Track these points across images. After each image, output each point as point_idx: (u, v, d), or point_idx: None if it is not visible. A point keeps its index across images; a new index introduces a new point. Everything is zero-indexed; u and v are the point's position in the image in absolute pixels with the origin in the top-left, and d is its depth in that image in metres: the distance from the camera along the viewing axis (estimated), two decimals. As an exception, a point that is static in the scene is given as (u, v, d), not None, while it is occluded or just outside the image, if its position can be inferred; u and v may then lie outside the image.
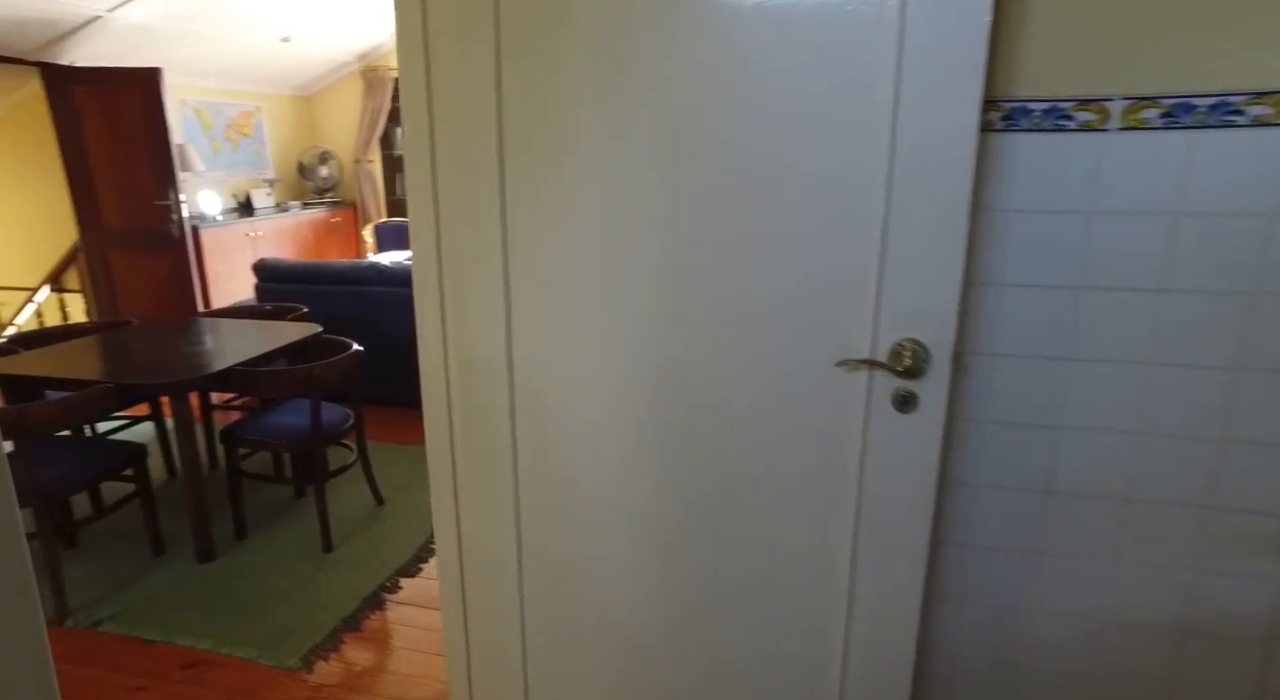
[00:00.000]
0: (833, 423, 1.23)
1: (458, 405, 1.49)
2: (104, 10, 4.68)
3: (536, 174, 1.33)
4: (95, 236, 5.41)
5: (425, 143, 1.39)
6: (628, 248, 1.29)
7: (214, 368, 2.65)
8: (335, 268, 4.13)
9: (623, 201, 1.25)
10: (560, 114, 1.26)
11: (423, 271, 1.43)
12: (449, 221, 1.41)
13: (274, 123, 7.10)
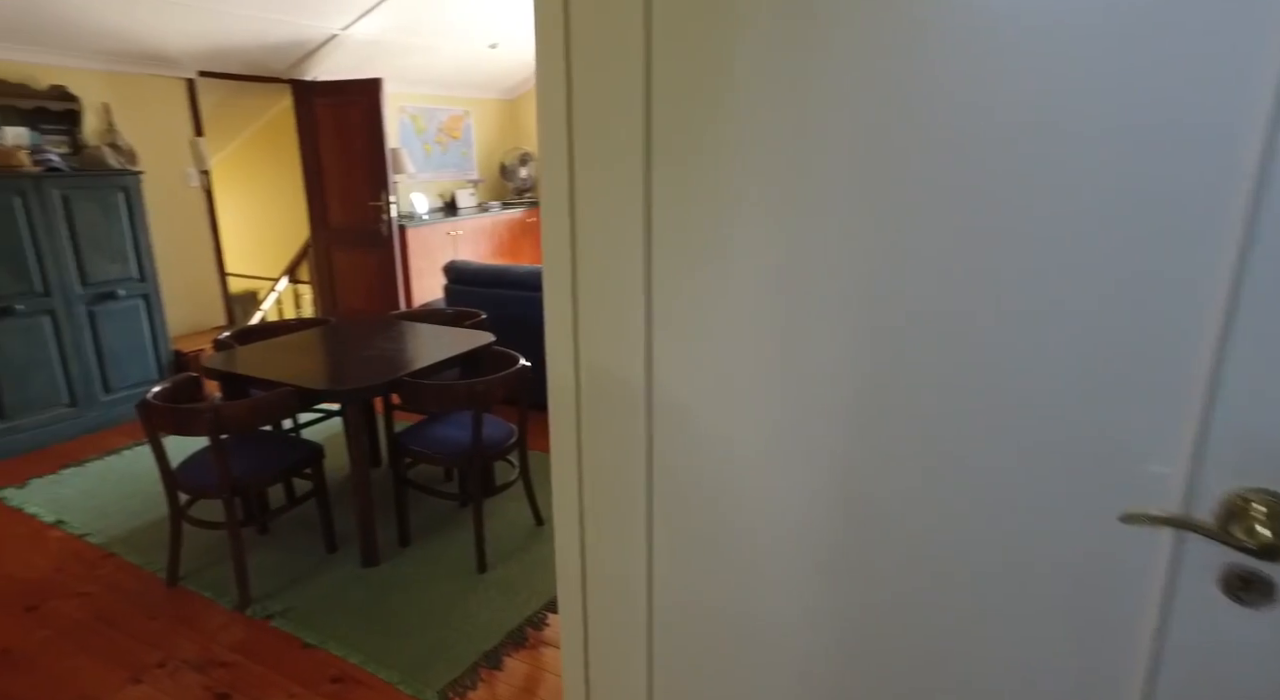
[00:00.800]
0: (1106, 602, 0.82)
1: (587, 432, 1.28)
2: (339, 29, 5.06)
3: (688, 193, 1.06)
4: (322, 234, 5.93)
5: (563, 153, 1.17)
6: (808, 303, 0.98)
7: (387, 376, 2.66)
8: (516, 272, 4.14)
9: (806, 244, 0.95)
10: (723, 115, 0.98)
11: (557, 308, 1.22)
12: (586, 250, 1.19)
13: (480, 126, 7.44)
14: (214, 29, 4.51)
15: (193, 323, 5.05)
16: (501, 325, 4.00)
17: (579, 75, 1.10)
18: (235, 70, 5.15)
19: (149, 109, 4.70)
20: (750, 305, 1.04)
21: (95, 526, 3.09)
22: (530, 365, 2.82)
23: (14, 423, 3.75)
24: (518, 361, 2.82)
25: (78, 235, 3.89)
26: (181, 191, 4.93)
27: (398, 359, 2.89)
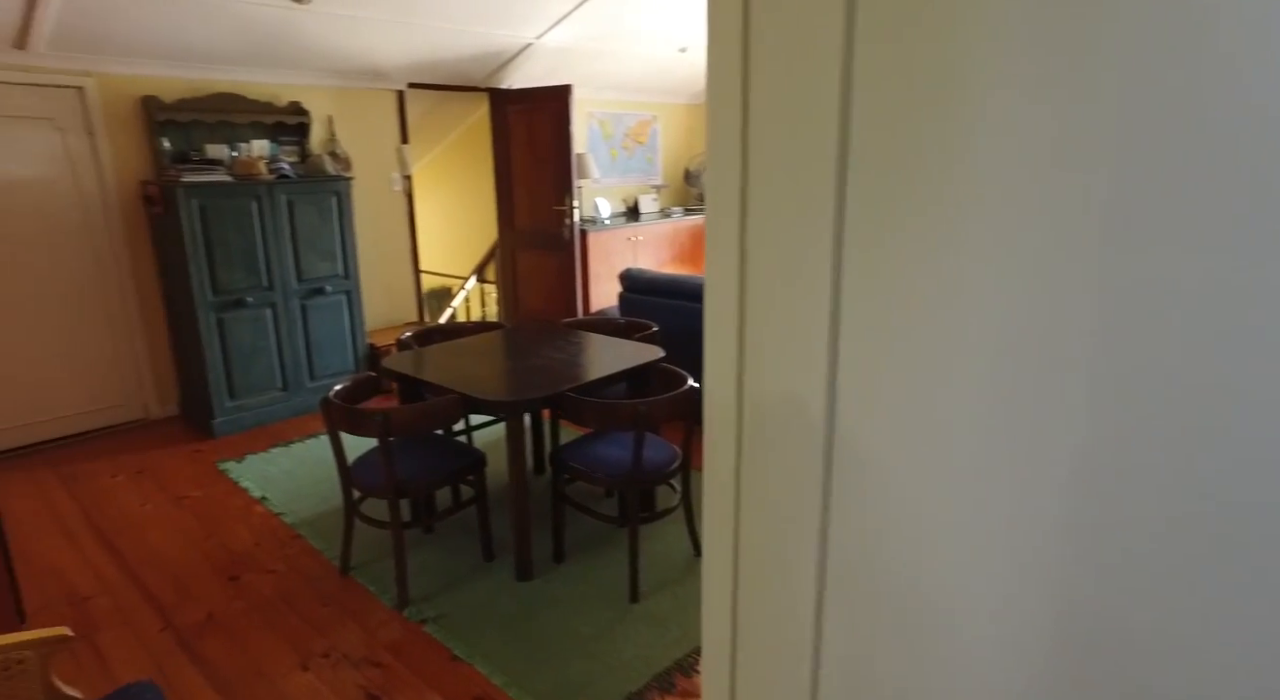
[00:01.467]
0: None
1: (748, 468, 1.06)
2: (533, 38, 5.19)
3: (896, 206, 0.80)
4: (508, 236, 6.15)
5: (734, 138, 0.96)
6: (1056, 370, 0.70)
7: (551, 390, 2.60)
8: (691, 283, 3.99)
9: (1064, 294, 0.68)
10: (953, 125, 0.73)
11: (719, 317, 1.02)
12: (758, 259, 0.97)
13: (667, 131, 7.40)
14: (423, 43, 4.77)
15: (387, 318, 5.41)
16: (673, 337, 3.87)
17: (759, 53, 0.89)
18: (439, 81, 5.45)
19: (364, 120, 5.08)
20: (973, 354, 0.78)
21: (289, 507, 3.32)
22: (699, 387, 2.65)
23: (240, 402, 4.17)
24: (686, 382, 2.65)
25: (297, 236, 4.26)
26: (385, 195, 5.29)
27: (564, 371, 2.83)
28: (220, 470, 3.70)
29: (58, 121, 3.87)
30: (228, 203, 3.96)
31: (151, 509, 3.32)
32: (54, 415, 4.04)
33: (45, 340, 3.96)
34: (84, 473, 3.70)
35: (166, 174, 3.97)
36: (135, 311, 4.24)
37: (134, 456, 3.89)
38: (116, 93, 4.02)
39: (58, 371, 4.02)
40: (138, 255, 4.21)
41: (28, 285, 3.88)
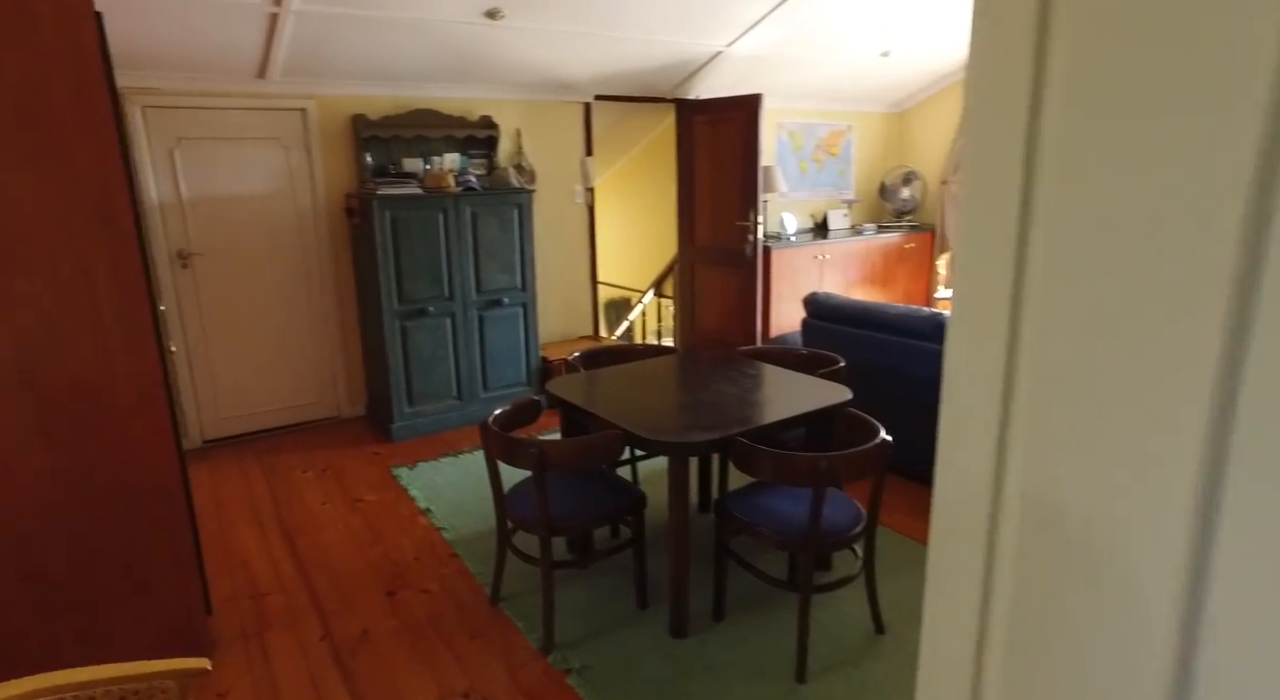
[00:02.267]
0: None
1: (1005, 591, 0.70)
2: (723, 45, 4.96)
3: None
4: (688, 251, 5.96)
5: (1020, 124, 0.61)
6: None
7: (720, 431, 2.32)
8: (888, 314, 3.54)
9: None
10: None
11: (967, 346, 0.67)
12: (1051, 292, 0.62)
13: (862, 142, 6.88)
14: (611, 54, 4.69)
15: (562, 331, 5.40)
16: (862, 374, 3.45)
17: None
18: (626, 92, 5.37)
19: (550, 132, 5.10)
20: None
21: (451, 522, 3.30)
22: (891, 440, 2.25)
23: (417, 408, 4.28)
24: (877, 435, 2.26)
25: (479, 247, 4.31)
26: (567, 208, 5.28)
27: (736, 409, 2.54)
28: (393, 476, 3.79)
29: (283, 141, 4.19)
30: (416, 214, 4.08)
31: (329, 509, 3.43)
32: (265, 408, 4.37)
33: (264, 341, 4.30)
34: (281, 465, 3.94)
35: (366, 187, 4.16)
36: (334, 316, 4.50)
37: (322, 454, 4.10)
38: (332, 112, 4.29)
39: (272, 369, 4.35)
40: (339, 263, 4.46)
41: (253, 289, 4.22)
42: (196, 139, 3.96)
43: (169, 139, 3.89)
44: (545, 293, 5.22)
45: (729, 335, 5.71)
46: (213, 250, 4.10)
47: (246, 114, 4.06)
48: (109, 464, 2.17)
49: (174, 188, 3.95)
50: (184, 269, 4.04)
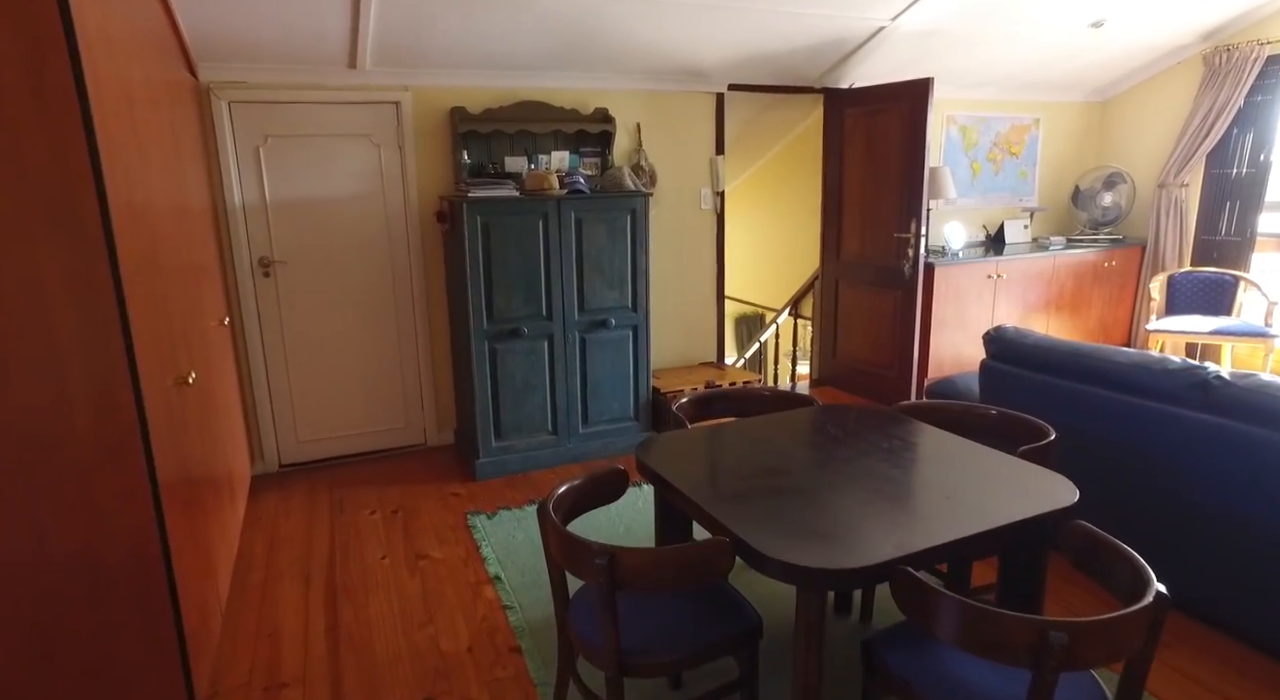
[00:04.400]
0: None
1: None
2: (887, 19, 4.09)
3: None
4: (832, 267, 5.09)
5: None
6: None
7: (876, 549, 1.53)
8: (1112, 361, 2.57)
9: None
10: None
11: None
12: None
13: (1051, 138, 5.71)
14: (746, 34, 3.95)
15: (680, 355, 4.70)
16: (1076, 449, 2.51)
17: None
18: (765, 81, 4.60)
19: (676, 127, 4.43)
20: None
21: (523, 598, 2.68)
22: (1167, 596, 1.37)
23: (507, 443, 3.73)
24: (1146, 583, 1.39)
25: (584, 259, 3.70)
26: (692, 214, 4.58)
27: (896, 508, 1.73)
28: (469, 525, 3.23)
29: (374, 137, 3.77)
30: (513, 220, 3.52)
31: (388, 566, 2.91)
32: (347, 432, 3.98)
33: (346, 357, 3.90)
34: (352, 501, 3.50)
35: (458, 188, 3.66)
36: (423, 333, 4.04)
37: (397, 490, 3.62)
38: (429, 105, 3.83)
39: (356, 389, 3.95)
40: (430, 274, 4.00)
41: (339, 300, 3.83)
42: (284, 136, 3.60)
43: (255, 136, 3.56)
44: (661, 312, 4.54)
45: (878, 367, 4.79)
46: (296, 258, 3.73)
47: (337, 108, 3.66)
48: (65, 533, 1.69)
49: (259, 189, 3.61)
50: (265, 278, 3.69)
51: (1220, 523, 2.27)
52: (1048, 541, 1.80)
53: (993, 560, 2.71)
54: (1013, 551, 1.84)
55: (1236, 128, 5.01)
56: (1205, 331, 4.74)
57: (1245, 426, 2.22)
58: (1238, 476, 2.22)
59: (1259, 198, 5.00)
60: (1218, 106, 4.97)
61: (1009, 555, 1.90)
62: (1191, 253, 5.31)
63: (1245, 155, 5.02)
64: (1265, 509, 2.17)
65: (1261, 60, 4.78)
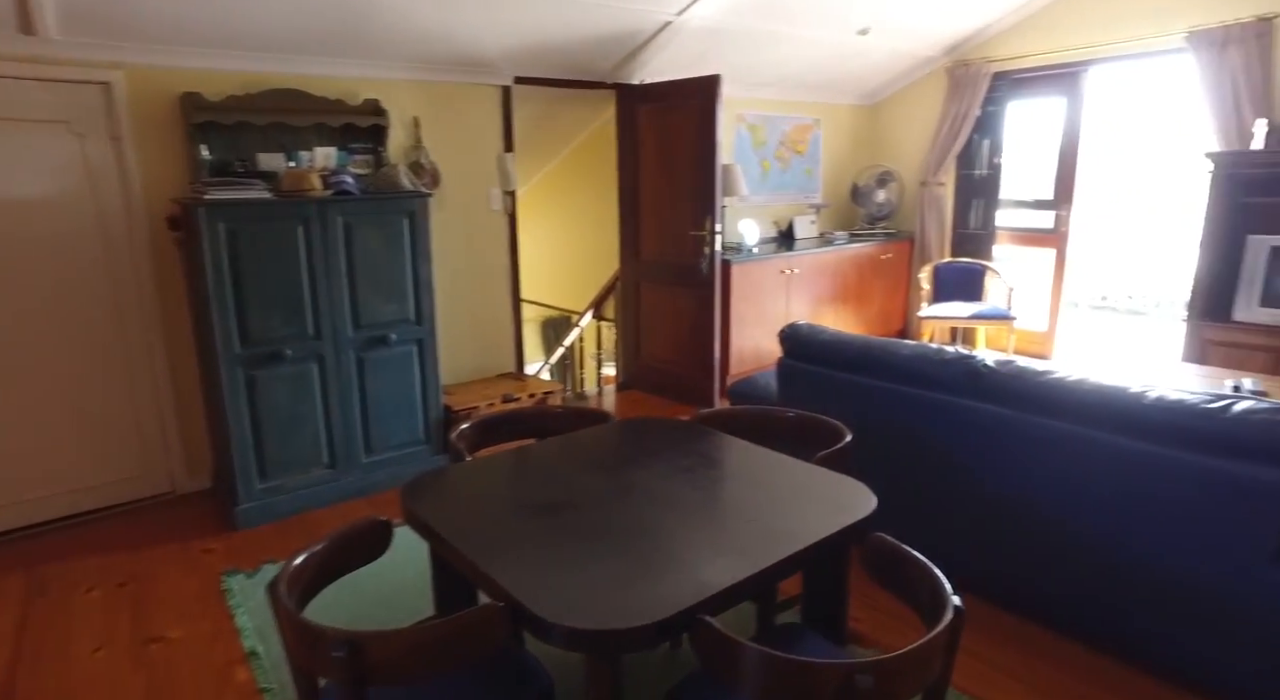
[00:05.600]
0: None
1: None
2: (673, 14, 4.02)
3: None
4: (631, 267, 4.99)
5: None
6: None
7: (674, 598, 1.35)
8: (896, 354, 2.62)
9: None
10: None
11: None
12: None
13: (831, 138, 6.02)
14: (532, 22, 3.71)
15: (477, 366, 4.37)
16: (866, 443, 2.53)
17: None
18: (555, 74, 4.39)
19: (459, 123, 4.09)
20: None
21: (287, 676, 2.24)
22: (961, 606, 1.30)
23: (274, 482, 3.21)
24: (945, 600, 1.31)
25: (355, 269, 3.27)
26: (481, 215, 4.27)
27: (698, 540, 1.57)
28: (223, 589, 2.71)
29: (75, 125, 3.08)
30: (265, 226, 3.02)
31: (103, 659, 2.33)
32: (48, 491, 3.22)
33: (52, 398, 3.16)
34: (60, 579, 2.82)
35: (194, 190, 3.08)
36: (162, 361, 3.39)
37: (128, 556, 2.97)
38: (152, 89, 3.20)
39: (64, 436, 3.22)
40: (167, 291, 3.36)
41: (33, 327, 3.09)
42: (-60, 122, 2.84)
43: (-104, 121, 2.76)
44: (452, 322, 4.18)
45: (682, 367, 4.75)
46: (-28, 276, 2.97)
47: (13, 85, 2.94)
48: None
49: (-93, 190, 2.81)
50: (-75, 303, 2.90)
51: (1001, 505, 2.37)
52: (849, 552, 1.73)
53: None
54: (816, 565, 1.76)
55: (977, 134, 5.54)
56: (964, 316, 5.19)
57: (1010, 411, 2.32)
58: (1010, 459, 2.33)
59: (996, 195, 5.57)
60: (960, 114, 5.47)
61: (813, 568, 1.81)
62: (950, 245, 5.81)
63: (984, 158, 5.57)
64: (1035, 488, 2.28)
65: (990, 76, 5.32)
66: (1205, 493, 1.94)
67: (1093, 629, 2.27)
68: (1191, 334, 4.22)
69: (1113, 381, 2.18)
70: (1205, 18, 4.33)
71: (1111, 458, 2.09)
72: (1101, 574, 2.18)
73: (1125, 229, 8.00)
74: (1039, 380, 2.28)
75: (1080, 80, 5.07)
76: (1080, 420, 2.17)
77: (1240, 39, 4.18)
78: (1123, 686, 2.11)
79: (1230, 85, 4.24)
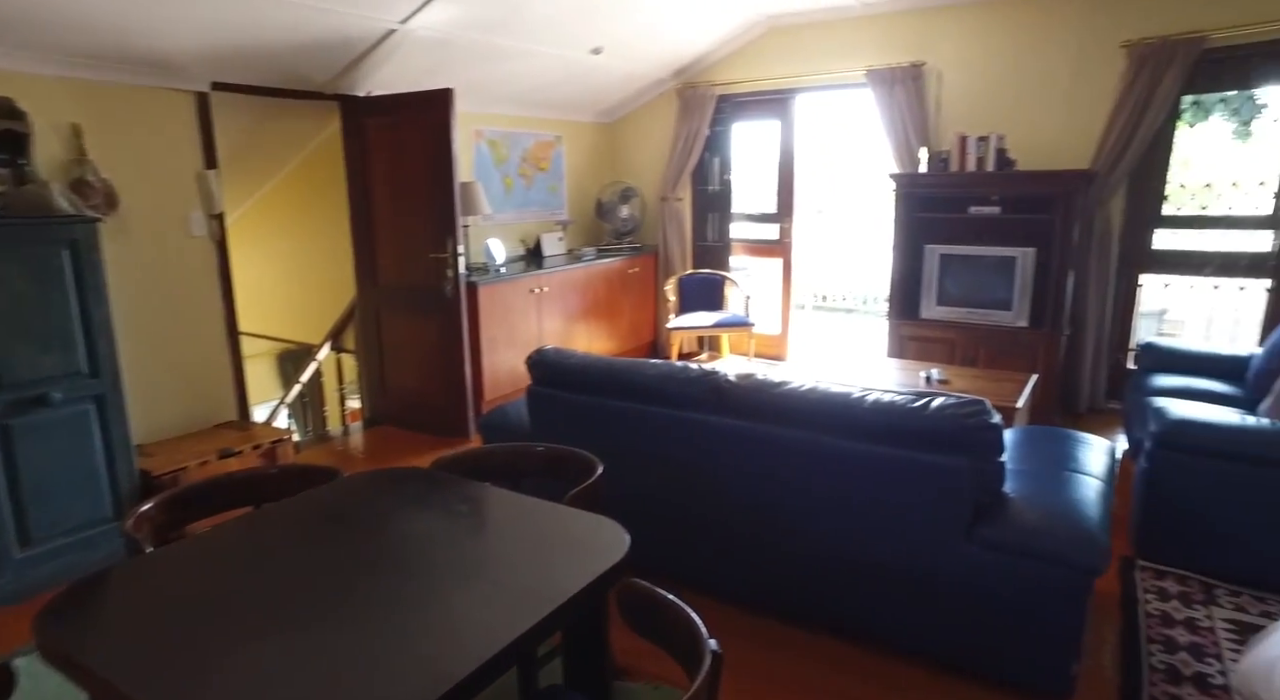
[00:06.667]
0: None
1: None
2: (396, 21, 3.75)
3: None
4: (370, 292, 4.60)
5: None
6: None
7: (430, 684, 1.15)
8: (644, 375, 2.63)
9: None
10: None
11: None
12: None
13: (572, 154, 6.07)
14: (229, 20, 3.24)
15: (188, 417, 3.73)
16: (619, 462, 2.48)
17: None
18: (263, 81, 3.90)
19: (142, 133, 3.46)
20: None
21: None
22: (718, 651, 1.27)
23: (-116, 597, 2.43)
24: (702, 645, 1.26)
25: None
26: (179, 243, 3.65)
27: (436, 619, 1.38)
28: None
29: None
30: None
31: None
32: None
33: None
34: None
35: None
36: None
37: None
38: None
39: None
40: None
41: None
42: None
43: None
44: (148, 370, 3.52)
45: (433, 397, 4.47)
46: None
47: None
48: None
49: None
50: None
51: (750, 515, 2.45)
52: (606, 600, 1.65)
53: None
54: (574, 621, 1.65)
55: (708, 152, 5.91)
56: (709, 325, 5.49)
57: (752, 424, 2.41)
58: (755, 470, 2.41)
59: (729, 210, 5.99)
60: (692, 133, 5.79)
61: (570, 624, 1.70)
62: (691, 257, 6.13)
63: (716, 175, 5.97)
64: (778, 496, 2.38)
65: (715, 98, 5.70)
66: (912, 482, 2.15)
67: (839, 622, 2.43)
68: (892, 331, 4.81)
69: (838, 389, 2.35)
70: (877, 60, 4.98)
71: (838, 459, 2.25)
72: (838, 569, 2.33)
73: (837, 236, 9.07)
74: (775, 393, 2.39)
75: (790, 105, 5.60)
76: (813, 427, 2.30)
77: (903, 79, 4.87)
78: (873, 671, 2.28)
79: (900, 117, 4.92)
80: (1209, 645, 2.36)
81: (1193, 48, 4.04)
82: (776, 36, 5.42)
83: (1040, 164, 4.45)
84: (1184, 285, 4.53)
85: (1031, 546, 2.02)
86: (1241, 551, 2.68)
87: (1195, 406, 2.94)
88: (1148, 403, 3.05)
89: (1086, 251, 4.42)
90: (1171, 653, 2.32)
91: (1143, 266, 4.58)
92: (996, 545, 2.06)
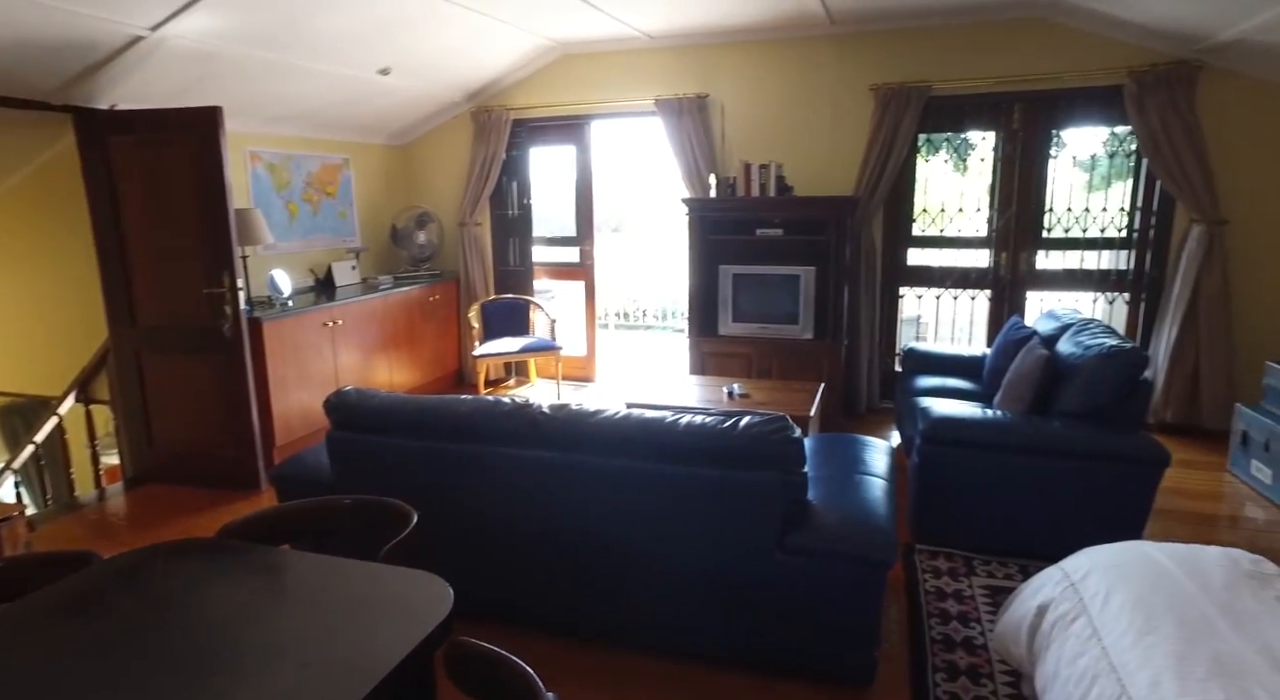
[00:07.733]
0: None
1: None
2: (145, 28, 3.34)
3: None
4: (127, 334, 4.03)
5: None
6: None
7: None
8: (455, 412, 2.53)
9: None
10: None
11: None
12: None
13: (362, 178, 5.75)
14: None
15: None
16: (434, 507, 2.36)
17: None
18: (-32, 90, 3.30)
19: None
20: None
21: None
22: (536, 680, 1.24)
23: None
24: None
25: None
26: None
27: (240, 712, 1.22)
28: None
29: None
30: None
31: None
32: None
33: None
34: None
35: None
36: None
37: None
38: None
39: None
40: None
41: None
42: None
43: None
44: None
45: (214, 447, 4.00)
46: None
47: None
48: None
49: None
50: None
51: (574, 547, 2.43)
52: (432, 663, 1.55)
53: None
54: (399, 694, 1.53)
55: (505, 176, 5.86)
56: (515, 351, 5.43)
57: (569, 454, 2.40)
58: (576, 501, 2.40)
59: (530, 234, 5.97)
60: (489, 157, 5.72)
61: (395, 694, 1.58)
62: (494, 282, 6.04)
63: (515, 199, 5.93)
64: (598, 524, 2.39)
65: (510, 122, 5.68)
66: (727, 499, 2.25)
67: (667, 643, 2.48)
68: (693, 348, 5.05)
69: (651, 414, 2.41)
70: (665, 90, 5.24)
71: (656, 483, 2.30)
72: (663, 591, 2.38)
73: (635, 254, 9.38)
74: (591, 422, 2.41)
75: (585, 131, 5.71)
76: (630, 453, 2.34)
77: (690, 109, 5.16)
78: (706, 687, 2.34)
79: (689, 144, 5.21)
80: (971, 612, 2.70)
81: (922, 94, 4.69)
82: (569, 64, 5.52)
83: (814, 190, 4.91)
84: (931, 296, 5.21)
85: (834, 549, 2.19)
86: (989, 526, 3.11)
87: (952, 403, 3.38)
88: (915, 403, 3.45)
89: (857, 268, 4.94)
90: (945, 623, 2.63)
91: (901, 280, 5.22)
92: (803, 551, 2.21)
